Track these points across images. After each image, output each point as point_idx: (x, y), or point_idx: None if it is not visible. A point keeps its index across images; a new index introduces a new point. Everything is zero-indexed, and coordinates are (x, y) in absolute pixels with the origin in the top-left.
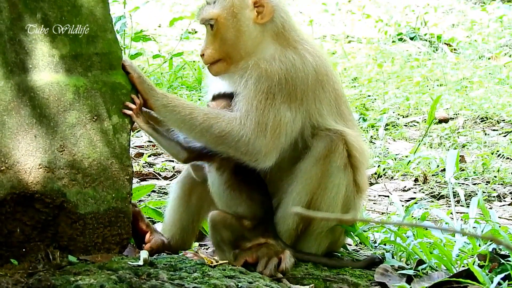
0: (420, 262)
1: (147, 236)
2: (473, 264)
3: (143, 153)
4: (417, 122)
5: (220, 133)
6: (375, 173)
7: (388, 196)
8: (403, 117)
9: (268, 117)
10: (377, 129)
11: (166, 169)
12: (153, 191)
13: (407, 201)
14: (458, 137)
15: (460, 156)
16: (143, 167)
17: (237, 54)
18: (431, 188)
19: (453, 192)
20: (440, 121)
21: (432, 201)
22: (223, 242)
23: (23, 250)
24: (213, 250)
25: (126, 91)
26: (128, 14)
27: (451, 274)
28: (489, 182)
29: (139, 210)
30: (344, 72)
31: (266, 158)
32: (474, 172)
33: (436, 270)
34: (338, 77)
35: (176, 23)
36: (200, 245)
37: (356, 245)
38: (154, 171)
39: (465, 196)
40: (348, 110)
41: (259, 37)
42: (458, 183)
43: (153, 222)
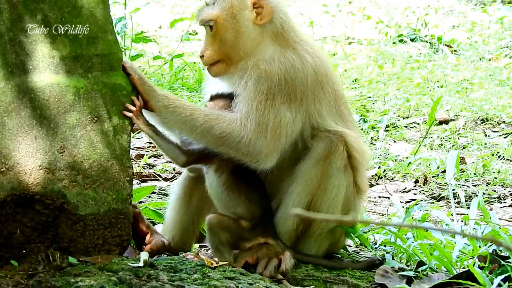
0: (421, 264)
1: (148, 238)
2: (474, 266)
3: (144, 155)
4: (418, 124)
5: (221, 134)
6: (376, 175)
7: (389, 198)
8: (404, 119)
9: (269, 118)
10: (378, 131)
11: (167, 171)
12: (154, 193)
13: (408, 203)
14: (459, 139)
15: (461, 158)
16: (144, 169)
17: (237, 55)
18: (432, 190)
19: (454, 194)
20: (441, 123)
21: (433, 203)
22: (222, 245)
23: (23, 252)
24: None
25: (127, 92)
26: (129, 16)
27: (451, 276)
28: (490, 184)
29: (140, 211)
30: (345, 74)
31: (267, 159)
32: (475, 174)
33: (436, 272)
34: (338, 78)
35: (177, 25)
36: (201, 247)
37: (357, 247)
38: (155, 173)
39: (466, 198)
40: (348, 111)
41: (258, 38)
42: (459, 185)
43: (154, 224)
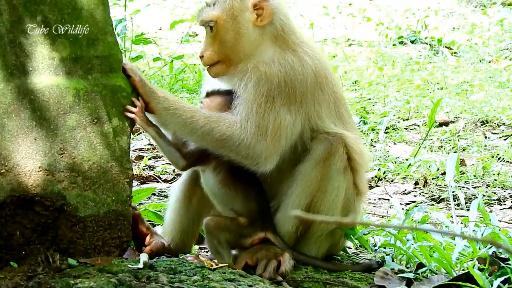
0: (420, 266)
1: (147, 239)
2: (473, 268)
3: (143, 156)
4: (418, 125)
5: (221, 137)
6: (375, 176)
7: (388, 199)
8: (404, 120)
9: (268, 120)
10: (378, 132)
11: (166, 172)
12: (153, 194)
13: (407, 204)
14: (459, 141)
15: (460, 160)
16: (143, 170)
17: (236, 57)
18: (431, 191)
19: (453, 196)
20: (441, 124)
21: (432, 204)
22: (221, 246)
23: (23, 253)
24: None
25: (126, 94)
26: (129, 17)
27: (451, 278)
28: (489, 186)
29: (139, 213)
30: (345, 75)
31: (267, 162)
32: (474, 176)
33: (436, 274)
34: (338, 80)
35: (177, 26)
36: (200, 248)
37: (356, 248)
38: (154, 174)
39: (465, 200)
40: (348, 113)
41: (258, 40)
42: (458, 187)
43: (153, 225)
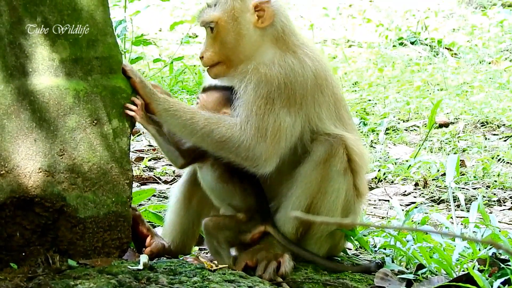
0: (420, 267)
1: (148, 240)
2: (473, 269)
3: (143, 157)
4: (418, 127)
5: (221, 139)
6: (376, 178)
7: (388, 201)
8: (404, 122)
9: (268, 122)
10: (378, 134)
11: (166, 173)
12: (153, 195)
13: (407, 206)
14: (459, 142)
15: (460, 161)
16: (143, 171)
17: (237, 58)
18: (431, 193)
19: (453, 197)
20: (441, 126)
21: (432, 206)
22: (221, 247)
23: (23, 254)
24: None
25: (126, 95)
26: (129, 18)
27: (451, 279)
28: (489, 187)
29: (139, 214)
30: (345, 77)
31: (267, 163)
32: (474, 177)
33: (436, 275)
34: (338, 82)
35: (177, 27)
36: (200, 249)
37: (356, 249)
38: (154, 175)
39: (465, 201)
40: (348, 114)
41: (259, 41)
42: (458, 188)
43: (154, 226)
